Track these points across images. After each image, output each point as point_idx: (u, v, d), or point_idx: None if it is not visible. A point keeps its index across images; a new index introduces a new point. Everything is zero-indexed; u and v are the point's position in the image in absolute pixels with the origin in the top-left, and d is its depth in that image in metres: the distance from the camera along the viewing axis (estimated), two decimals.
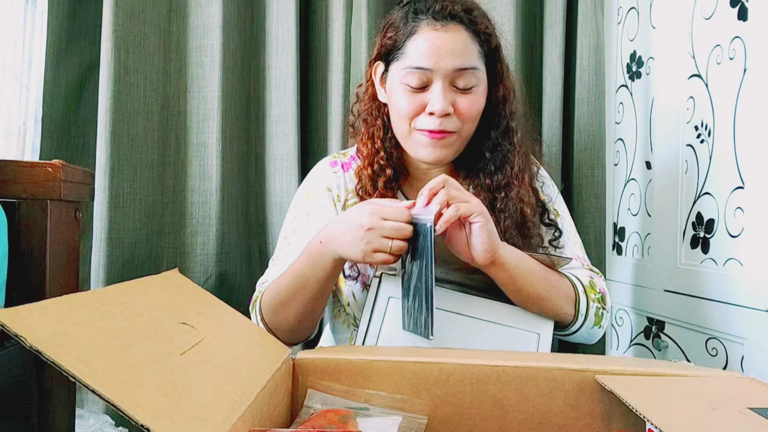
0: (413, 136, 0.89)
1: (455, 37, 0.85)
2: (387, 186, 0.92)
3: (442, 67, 0.84)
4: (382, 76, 0.94)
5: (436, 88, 0.85)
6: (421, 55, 0.84)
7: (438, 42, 0.84)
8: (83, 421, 1.04)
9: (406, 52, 0.87)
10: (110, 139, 1.15)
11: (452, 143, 0.88)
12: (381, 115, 0.96)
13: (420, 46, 0.85)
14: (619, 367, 0.56)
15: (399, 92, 0.88)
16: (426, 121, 0.86)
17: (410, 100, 0.87)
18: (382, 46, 0.92)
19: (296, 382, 0.58)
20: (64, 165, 0.68)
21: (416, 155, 0.91)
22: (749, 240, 0.90)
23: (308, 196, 0.97)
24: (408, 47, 0.86)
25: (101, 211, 1.15)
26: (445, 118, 0.86)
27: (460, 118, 0.87)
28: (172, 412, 0.36)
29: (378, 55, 0.94)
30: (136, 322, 0.43)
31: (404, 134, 0.90)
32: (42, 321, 0.36)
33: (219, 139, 1.23)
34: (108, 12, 1.15)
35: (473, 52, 0.86)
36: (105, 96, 1.16)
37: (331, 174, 0.97)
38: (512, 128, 0.92)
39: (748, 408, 0.44)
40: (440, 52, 0.84)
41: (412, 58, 0.86)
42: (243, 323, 0.59)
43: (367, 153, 0.94)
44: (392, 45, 0.89)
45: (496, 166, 0.91)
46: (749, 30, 0.91)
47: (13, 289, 0.65)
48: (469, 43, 0.86)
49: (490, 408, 0.56)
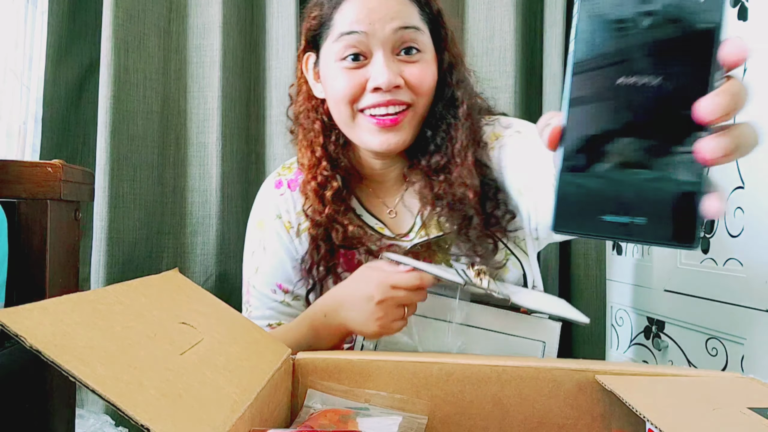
0: (358, 121, 0.76)
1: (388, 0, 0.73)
2: (336, 198, 0.80)
3: (379, 30, 0.72)
4: (314, 68, 0.81)
5: (377, 59, 0.73)
6: (351, 21, 0.73)
7: (369, 5, 0.72)
8: (83, 421, 1.04)
9: (334, 24, 0.75)
10: (110, 139, 1.15)
11: (406, 124, 0.75)
12: (319, 117, 0.82)
13: (349, 12, 0.73)
14: (619, 367, 0.56)
15: (334, 73, 0.75)
16: (372, 99, 0.74)
17: (348, 78, 0.74)
18: (309, 30, 0.80)
19: (296, 382, 0.58)
20: (64, 165, 0.68)
21: (364, 144, 0.78)
22: (749, 240, 0.90)
23: (260, 227, 0.86)
24: (335, 19, 0.75)
25: (101, 211, 1.15)
26: (395, 90, 0.73)
27: (413, 91, 0.75)
28: (172, 412, 0.36)
29: (306, 44, 0.82)
30: (136, 322, 0.43)
31: (347, 122, 0.77)
32: (42, 321, 0.36)
33: (219, 139, 1.23)
34: (108, 12, 1.16)
35: (412, 12, 0.75)
36: (105, 96, 1.16)
37: (278, 197, 0.86)
38: (458, 98, 0.79)
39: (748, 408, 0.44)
40: (373, 14, 0.72)
41: (341, 26, 0.74)
42: (243, 323, 0.59)
43: (309, 164, 0.82)
44: (318, 24, 0.78)
45: (437, 144, 0.78)
46: (749, 30, 0.91)
47: (13, 289, 0.65)
48: (406, 3, 0.74)
49: (490, 408, 0.56)
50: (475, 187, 0.76)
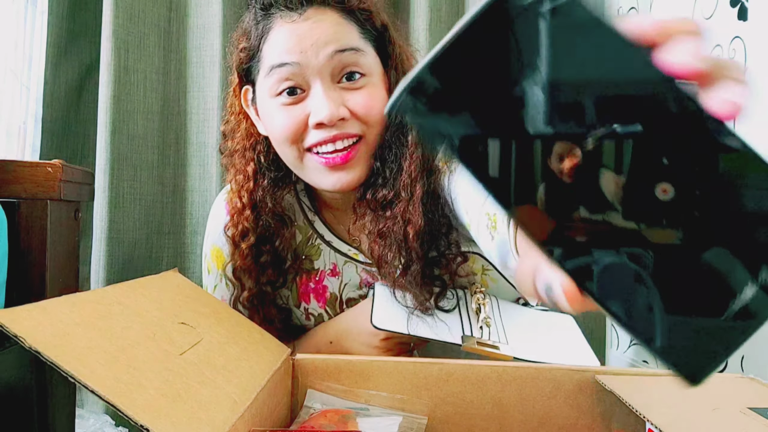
0: (306, 162, 0.69)
1: (320, 22, 0.65)
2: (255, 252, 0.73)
3: (313, 57, 0.64)
4: (253, 104, 0.74)
5: (315, 91, 0.66)
6: (281, 52, 0.66)
7: (298, 31, 0.65)
8: (83, 421, 1.04)
9: (263, 57, 0.68)
10: (110, 139, 1.15)
11: (359, 158, 0.68)
12: (255, 157, 0.75)
13: (277, 42, 0.66)
14: (619, 367, 0.56)
15: (270, 111, 0.68)
16: (316, 136, 0.66)
17: (286, 115, 0.67)
18: (240, 64, 0.72)
19: (296, 382, 0.58)
20: (64, 165, 0.68)
21: (317, 185, 0.71)
22: None
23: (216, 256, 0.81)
24: (264, 51, 0.68)
25: (101, 211, 1.15)
26: (341, 123, 0.66)
27: (361, 121, 0.68)
28: (172, 413, 0.36)
29: (240, 79, 0.74)
30: (135, 322, 0.43)
31: (294, 163, 0.70)
32: (42, 321, 0.36)
33: (219, 139, 1.23)
34: (108, 12, 1.15)
35: (350, 32, 0.67)
36: (105, 96, 1.16)
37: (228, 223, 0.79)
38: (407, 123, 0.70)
39: (748, 408, 0.44)
40: (304, 41, 0.64)
41: (271, 58, 0.67)
42: (243, 323, 0.59)
43: (234, 208, 0.75)
44: (248, 57, 0.71)
45: (384, 177, 0.69)
46: (749, 30, 0.91)
47: (13, 289, 0.65)
48: (342, 23, 0.67)
49: (491, 408, 0.56)
50: (418, 227, 0.67)
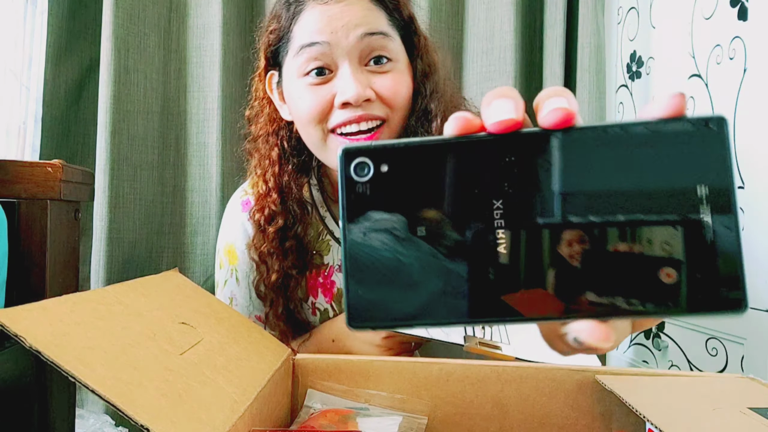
0: (330, 144, 0.69)
1: (351, 5, 0.67)
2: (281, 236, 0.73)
3: (343, 38, 0.65)
4: (278, 88, 0.75)
5: (343, 71, 0.66)
6: (312, 32, 0.67)
7: (329, 13, 0.66)
8: (83, 421, 1.04)
9: (293, 37, 0.69)
10: (110, 139, 1.16)
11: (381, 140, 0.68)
12: (278, 142, 0.76)
13: (308, 22, 0.67)
14: (619, 367, 0.56)
15: (298, 91, 0.69)
16: (341, 116, 0.67)
17: (313, 94, 0.67)
18: (268, 46, 0.74)
19: (296, 382, 0.58)
20: (64, 165, 0.68)
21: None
22: (749, 240, 0.90)
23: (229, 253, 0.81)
24: (294, 31, 0.69)
25: (101, 211, 1.15)
26: (366, 104, 0.67)
27: (386, 104, 0.68)
28: (172, 413, 0.36)
29: (267, 62, 0.75)
30: (135, 322, 0.43)
31: (318, 144, 0.71)
32: (42, 321, 0.36)
33: (219, 139, 1.23)
34: (108, 12, 1.16)
35: (379, 17, 0.68)
36: (105, 96, 1.16)
37: (246, 221, 0.80)
38: (431, 111, 0.72)
39: (748, 408, 0.44)
40: (335, 22, 0.66)
41: (301, 38, 0.67)
42: (243, 323, 0.59)
43: (258, 194, 0.76)
44: (277, 39, 0.72)
45: None
46: (749, 30, 0.91)
47: (13, 289, 0.65)
48: (372, 8, 0.68)
49: (490, 408, 0.56)
50: None
